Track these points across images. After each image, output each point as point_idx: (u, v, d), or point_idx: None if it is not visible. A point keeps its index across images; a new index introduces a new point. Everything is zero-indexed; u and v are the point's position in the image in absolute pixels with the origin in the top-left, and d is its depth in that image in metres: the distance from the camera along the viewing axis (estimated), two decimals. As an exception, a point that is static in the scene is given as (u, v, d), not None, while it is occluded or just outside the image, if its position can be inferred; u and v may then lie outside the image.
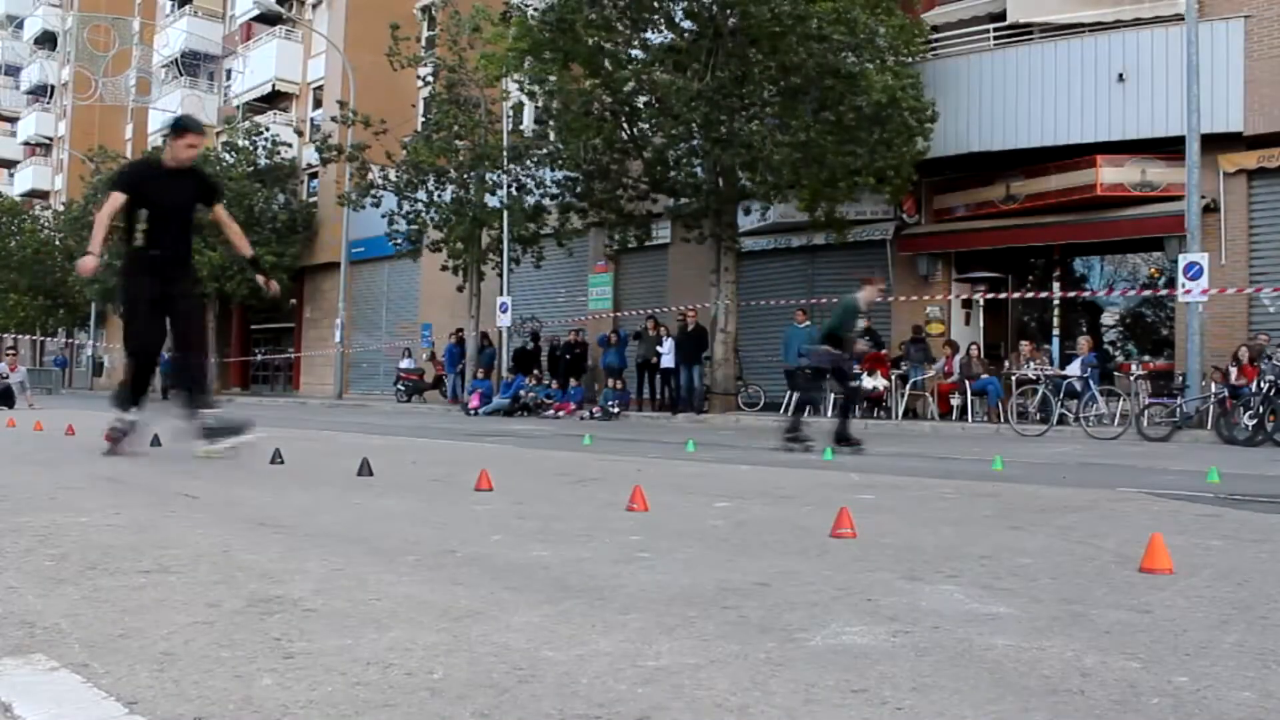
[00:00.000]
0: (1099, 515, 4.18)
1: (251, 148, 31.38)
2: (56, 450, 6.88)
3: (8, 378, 16.67)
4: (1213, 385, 12.68)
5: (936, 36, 17.80)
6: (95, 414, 14.00)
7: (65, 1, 52.35)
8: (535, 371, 20.42)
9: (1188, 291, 13.03)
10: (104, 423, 6.60)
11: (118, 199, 6.07)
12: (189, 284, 6.65)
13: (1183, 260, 13.20)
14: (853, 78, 14.91)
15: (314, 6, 33.62)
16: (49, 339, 45.47)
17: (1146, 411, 12.64)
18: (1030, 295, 16.92)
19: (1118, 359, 16.59)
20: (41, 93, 53.48)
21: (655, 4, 16.75)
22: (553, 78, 17.87)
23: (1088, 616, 2.27)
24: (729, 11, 15.75)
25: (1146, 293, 16.18)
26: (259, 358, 36.00)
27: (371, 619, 2.14)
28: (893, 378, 16.10)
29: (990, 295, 17.26)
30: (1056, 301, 17.02)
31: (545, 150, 20.24)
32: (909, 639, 2.05)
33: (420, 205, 21.99)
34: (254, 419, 6.70)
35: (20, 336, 35.93)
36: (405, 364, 25.48)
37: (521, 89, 19.55)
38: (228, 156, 31.08)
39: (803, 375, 10.42)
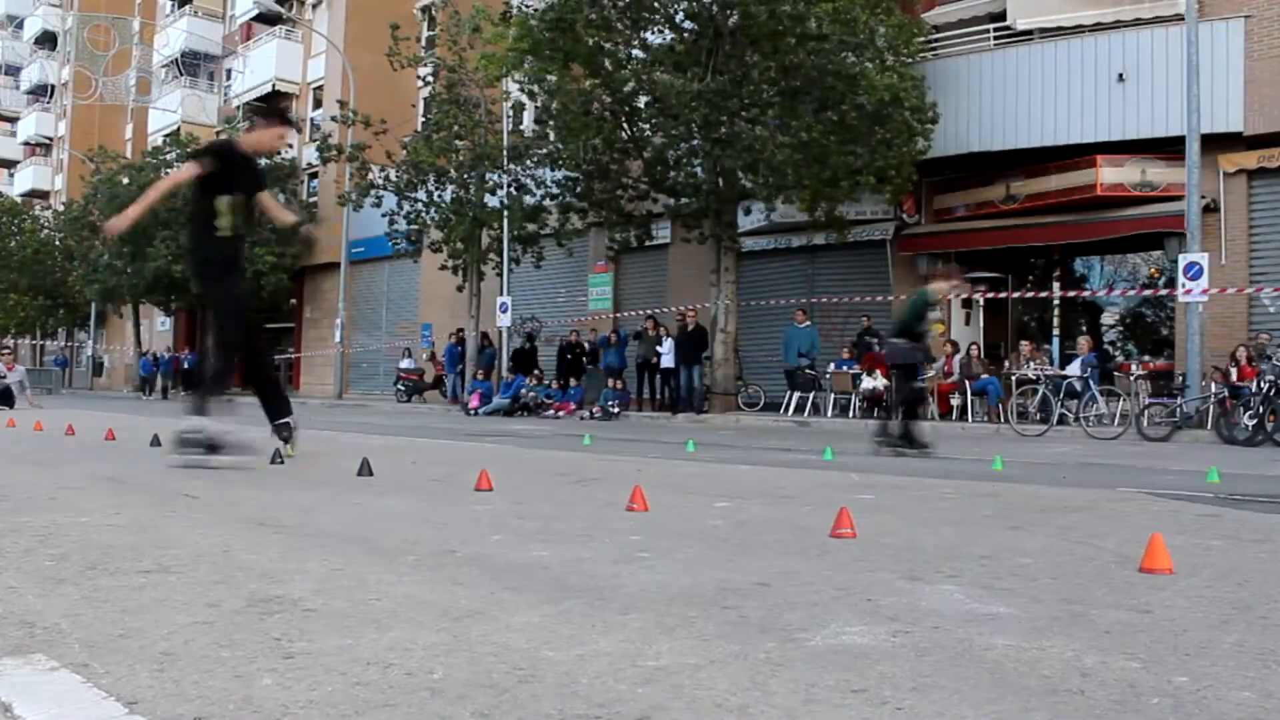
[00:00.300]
0: (1099, 515, 4.18)
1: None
2: (56, 450, 6.88)
3: (5, 377, 16.65)
4: (1213, 385, 12.66)
5: (937, 36, 17.80)
6: (95, 414, 14.01)
7: (65, 1, 52.35)
8: (535, 371, 20.43)
9: (1188, 291, 13.03)
10: (168, 430, 6.04)
11: (197, 169, 5.61)
12: None
13: (1183, 260, 13.20)
14: (853, 78, 14.91)
15: (314, 6, 33.62)
16: (49, 339, 45.44)
17: (1146, 411, 12.63)
18: (1030, 295, 16.92)
19: (1118, 359, 16.58)
20: (41, 93, 53.49)
21: (655, 4, 16.74)
22: (553, 77, 17.86)
23: (1088, 616, 2.27)
24: (729, 12, 15.74)
25: (1146, 293, 16.18)
26: (258, 358, 35.92)
27: (371, 619, 2.14)
28: (893, 377, 16.04)
29: (990, 295, 17.26)
30: (1056, 301, 17.02)
31: (545, 150, 20.23)
32: (909, 639, 2.04)
33: (420, 205, 21.99)
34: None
35: (20, 340, 35.86)
36: (405, 364, 25.47)
37: (521, 89, 19.54)
38: None
39: (895, 376, 10.21)
